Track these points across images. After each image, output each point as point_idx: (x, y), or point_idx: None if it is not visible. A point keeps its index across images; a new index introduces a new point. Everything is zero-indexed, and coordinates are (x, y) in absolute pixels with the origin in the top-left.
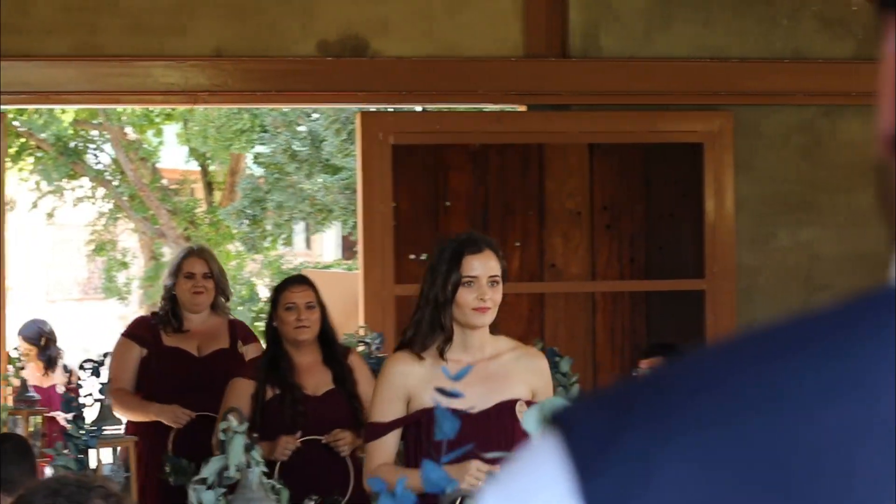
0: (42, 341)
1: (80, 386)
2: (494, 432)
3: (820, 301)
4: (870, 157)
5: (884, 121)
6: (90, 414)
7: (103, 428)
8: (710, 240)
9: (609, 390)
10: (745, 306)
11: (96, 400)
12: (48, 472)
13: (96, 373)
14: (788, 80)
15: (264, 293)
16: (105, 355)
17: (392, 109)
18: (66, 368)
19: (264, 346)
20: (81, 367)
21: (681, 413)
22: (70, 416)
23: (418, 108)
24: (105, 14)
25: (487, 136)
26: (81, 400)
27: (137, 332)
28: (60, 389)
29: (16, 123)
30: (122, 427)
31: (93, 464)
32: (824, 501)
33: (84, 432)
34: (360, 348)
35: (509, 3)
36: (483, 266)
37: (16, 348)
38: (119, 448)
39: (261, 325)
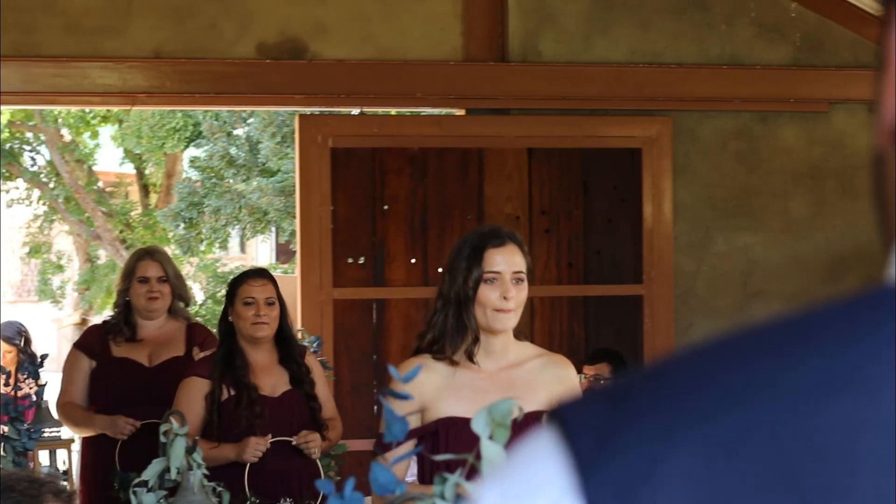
0: (22, 341)
1: (18, 388)
2: None
3: (756, 307)
4: (804, 162)
5: (887, 112)
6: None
7: (41, 430)
8: (648, 245)
9: (607, 385)
10: (683, 311)
11: (34, 403)
12: None
13: (35, 375)
14: (726, 86)
15: (200, 296)
16: (44, 357)
17: (330, 112)
18: (2, 370)
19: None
20: (19, 370)
21: (683, 408)
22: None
23: (357, 112)
24: (41, 14)
25: (426, 140)
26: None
27: (86, 342)
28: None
29: None
30: (60, 431)
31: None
32: (829, 494)
33: (22, 434)
34: None
35: (449, 7)
36: (507, 261)
37: None
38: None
39: None
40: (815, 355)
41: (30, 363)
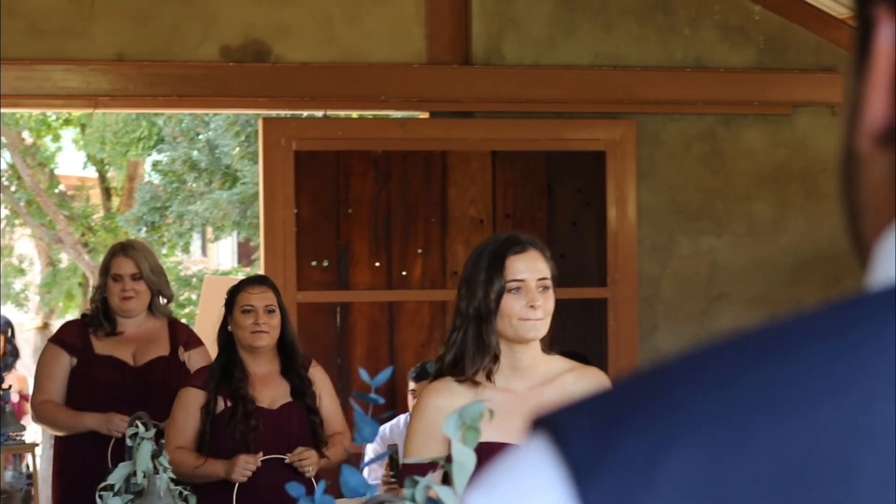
0: (9, 331)
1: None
2: None
3: (720, 310)
4: (768, 165)
5: (871, 115)
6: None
7: (6, 435)
8: (612, 248)
9: (597, 392)
10: (647, 314)
11: None
12: None
13: None
14: (690, 89)
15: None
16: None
17: (294, 115)
18: None
19: (216, 351)
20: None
21: (680, 413)
22: None
23: (320, 114)
24: (3, 16)
25: (390, 143)
26: None
27: (66, 338)
28: (14, 398)
29: None
30: (25, 434)
31: None
32: (828, 501)
33: None
34: None
35: (412, 10)
36: (530, 268)
37: None
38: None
39: None
40: (811, 361)
41: (12, 355)
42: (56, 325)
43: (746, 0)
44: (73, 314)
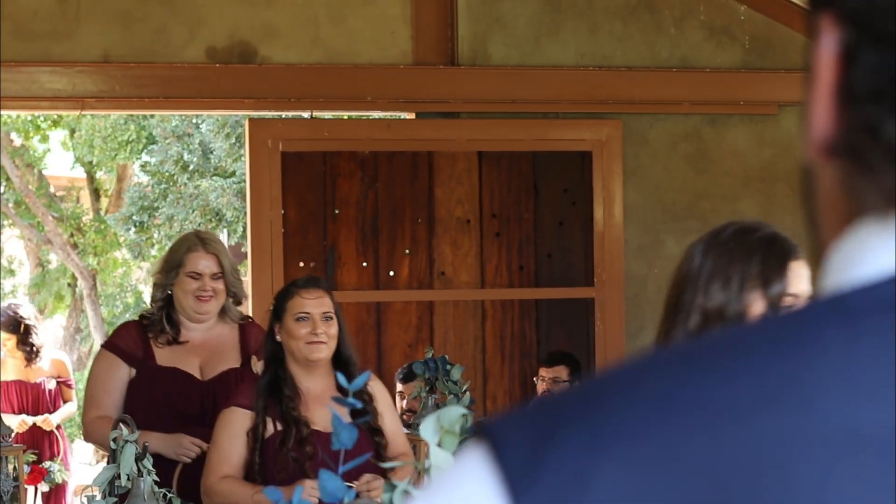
0: (21, 328)
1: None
2: None
3: None
4: (754, 165)
5: (817, 125)
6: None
7: None
8: (599, 248)
9: (537, 403)
10: (634, 314)
11: None
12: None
13: None
14: (675, 89)
15: None
16: None
17: (280, 116)
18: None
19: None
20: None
21: (614, 424)
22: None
23: (307, 115)
24: None
25: (376, 144)
26: None
27: (124, 345)
28: (51, 385)
29: None
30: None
31: None
32: None
33: None
34: None
35: (398, 11)
36: (802, 280)
37: None
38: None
39: None
40: (746, 370)
41: (32, 354)
42: (43, 325)
43: (732, 0)
44: (62, 314)
